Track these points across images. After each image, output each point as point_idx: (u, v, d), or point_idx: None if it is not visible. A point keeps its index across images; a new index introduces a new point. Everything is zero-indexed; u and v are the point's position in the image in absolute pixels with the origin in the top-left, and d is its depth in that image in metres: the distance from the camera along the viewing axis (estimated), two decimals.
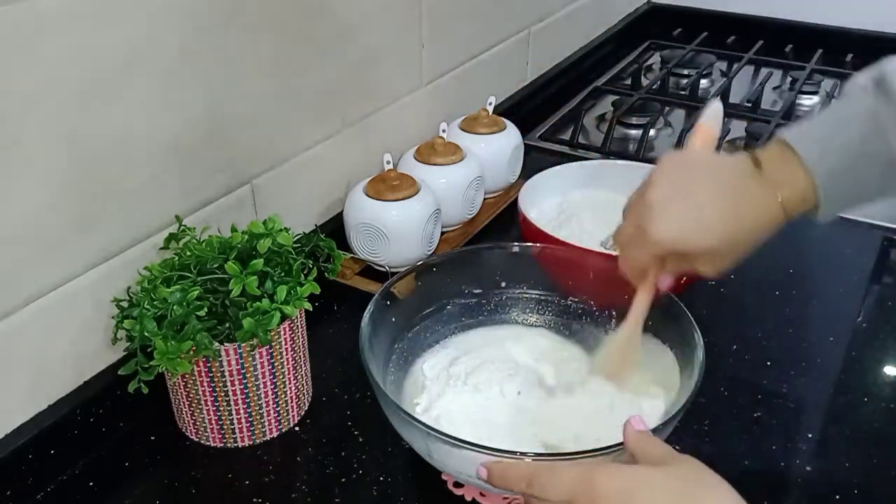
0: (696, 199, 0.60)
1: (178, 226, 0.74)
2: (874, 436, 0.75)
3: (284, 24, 0.84)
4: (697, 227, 0.60)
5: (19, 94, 0.61)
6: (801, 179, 0.60)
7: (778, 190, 0.60)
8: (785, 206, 0.60)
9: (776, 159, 0.61)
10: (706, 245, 0.61)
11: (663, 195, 0.60)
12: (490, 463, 0.56)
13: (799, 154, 0.60)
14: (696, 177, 0.62)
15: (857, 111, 0.60)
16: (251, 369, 0.69)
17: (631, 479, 0.49)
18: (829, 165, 0.59)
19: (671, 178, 0.62)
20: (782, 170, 0.60)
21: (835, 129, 0.61)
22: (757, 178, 0.61)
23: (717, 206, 0.60)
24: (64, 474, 0.70)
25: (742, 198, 0.60)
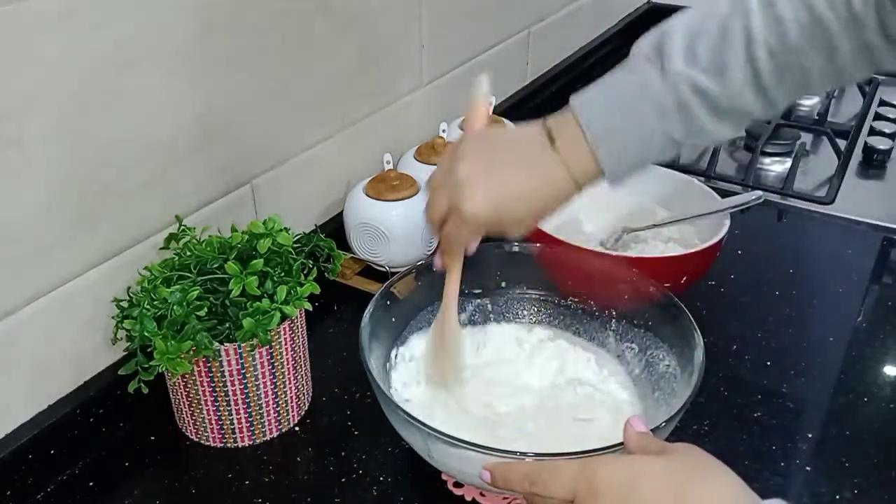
0: (502, 175, 0.64)
1: (178, 226, 0.74)
2: (874, 436, 0.75)
3: (284, 24, 0.84)
4: (504, 203, 0.63)
5: (19, 94, 0.61)
6: (588, 157, 0.63)
7: (569, 166, 0.63)
8: (576, 179, 0.64)
9: (566, 136, 0.64)
10: (516, 217, 0.65)
11: (472, 172, 0.63)
12: (491, 465, 0.56)
13: (587, 136, 0.63)
14: (500, 153, 0.65)
15: (642, 90, 0.62)
16: (251, 369, 0.69)
17: (631, 468, 0.49)
18: (612, 149, 0.63)
19: (477, 154, 0.64)
20: (571, 147, 0.63)
21: (621, 109, 0.63)
22: (550, 153, 0.64)
23: (520, 181, 0.64)
24: (64, 474, 0.70)
25: (540, 174, 0.64)
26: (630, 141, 0.63)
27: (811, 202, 1.12)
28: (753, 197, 0.90)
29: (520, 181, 0.64)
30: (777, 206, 1.13)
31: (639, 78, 0.63)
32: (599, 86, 0.65)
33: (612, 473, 0.49)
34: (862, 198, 1.14)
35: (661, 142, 0.63)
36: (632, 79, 0.64)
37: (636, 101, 0.62)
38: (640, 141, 0.63)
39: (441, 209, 0.65)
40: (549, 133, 0.64)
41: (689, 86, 0.61)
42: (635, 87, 0.63)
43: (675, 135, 0.62)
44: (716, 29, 0.61)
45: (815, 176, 1.20)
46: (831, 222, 1.09)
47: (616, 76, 0.65)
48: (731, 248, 0.96)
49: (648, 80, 0.62)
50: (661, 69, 0.62)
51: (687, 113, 0.61)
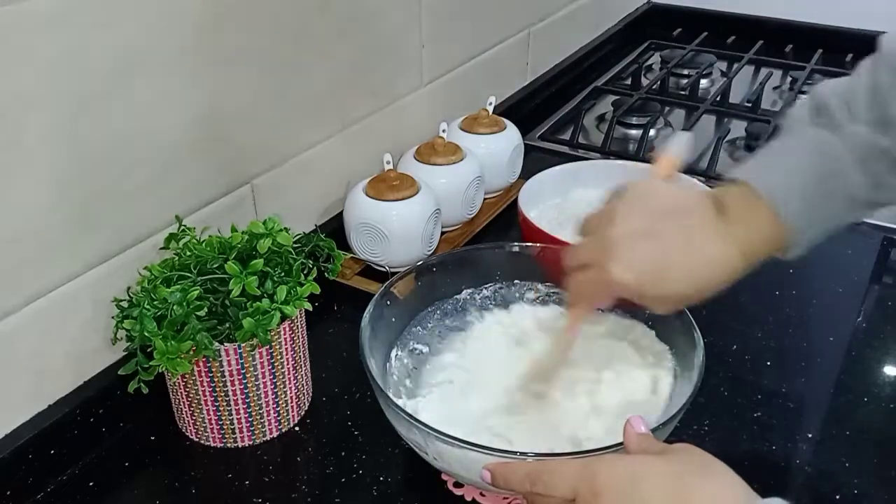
0: (660, 245, 0.59)
1: (178, 226, 0.74)
2: (874, 436, 0.75)
3: (284, 24, 0.84)
4: (656, 276, 0.58)
5: (19, 94, 0.61)
6: (768, 225, 0.58)
7: (742, 243, 0.59)
8: (747, 257, 0.59)
9: (741, 205, 0.59)
10: (661, 294, 0.60)
11: (629, 234, 0.59)
12: (492, 465, 0.56)
13: (765, 199, 0.58)
14: (663, 218, 0.60)
15: (809, 147, 0.59)
16: (251, 369, 0.69)
17: (632, 469, 0.49)
18: (797, 209, 0.58)
19: (639, 213, 0.60)
20: (748, 218, 0.59)
21: (793, 168, 0.59)
22: (721, 229, 0.59)
23: (679, 256, 0.59)
24: (64, 474, 0.70)
25: (704, 252, 0.59)
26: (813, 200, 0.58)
27: None
28: None
29: (679, 256, 0.58)
30: None
31: (807, 138, 0.60)
32: (766, 156, 0.61)
33: (614, 474, 0.49)
34: None
35: (845, 200, 0.59)
36: (798, 139, 0.60)
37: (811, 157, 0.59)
38: (823, 200, 0.58)
39: (584, 259, 0.61)
40: (719, 202, 0.59)
41: (863, 140, 0.58)
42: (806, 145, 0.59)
43: (858, 192, 0.59)
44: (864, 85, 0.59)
45: None
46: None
47: (777, 143, 0.62)
48: None
49: (820, 137, 0.59)
50: (833, 126, 0.59)
51: (871, 166, 0.58)
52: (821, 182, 0.58)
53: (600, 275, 0.59)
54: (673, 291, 0.59)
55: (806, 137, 0.60)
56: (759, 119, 1.33)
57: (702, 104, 1.36)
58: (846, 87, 0.61)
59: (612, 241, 0.59)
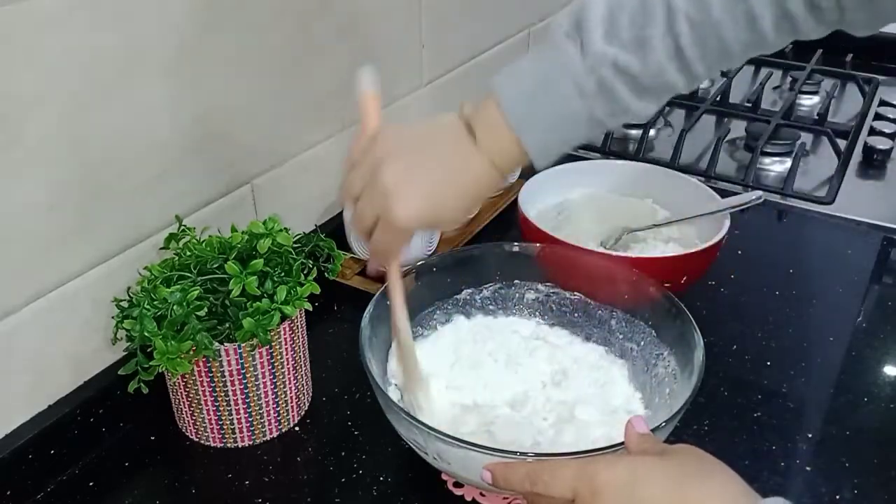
0: (425, 176, 0.62)
1: (178, 226, 0.74)
2: (874, 436, 0.75)
3: (284, 24, 0.84)
4: (436, 204, 0.62)
5: (19, 95, 0.61)
6: (510, 143, 0.62)
7: (493, 157, 0.63)
8: (500, 168, 0.63)
9: (487, 125, 0.62)
10: (445, 219, 0.65)
11: (395, 177, 0.61)
12: (492, 465, 0.56)
13: (509, 122, 0.61)
14: (420, 152, 0.63)
15: (563, 71, 0.61)
16: (251, 369, 0.69)
17: (632, 469, 0.49)
18: (536, 133, 0.62)
19: (397, 156, 0.62)
20: (494, 136, 0.62)
21: (542, 91, 0.61)
22: (472, 147, 0.63)
23: (446, 183, 0.63)
24: (64, 474, 0.70)
25: (465, 171, 0.63)
26: (553, 124, 0.62)
27: (811, 202, 1.12)
28: (753, 197, 0.90)
29: (445, 181, 0.63)
30: (777, 206, 1.13)
31: (559, 56, 0.61)
32: (519, 66, 0.63)
33: (614, 474, 0.49)
34: (862, 198, 1.14)
35: (586, 122, 0.62)
36: (552, 56, 0.62)
37: (557, 82, 0.61)
38: (564, 123, 0.62)
39: (369, 219, 0.63)
40: (469, 124, 0.63)
41: (610, 66, 0.59)
42: (556, 66, 0.61)
43: (598, 115, 0.61)
44: (636, 2, 0.59)
45: (815, 176, 1.20)
46: (831, 222, 1.09)
47: (537, 55, 0.63)
48: (731, 248, 0.95)
49: (569, 60, 0.60)
50: (580, 48, 0.60)
51: (610, 94, 0.60)
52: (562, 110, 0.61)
53: (388, 225, 0.62)
54: (454, 211, 0.64)
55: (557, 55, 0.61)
56: (759, 119, 1.33)
57: (702, 104, 1.36)
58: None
59: (386, 189, 0.61)
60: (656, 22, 0.59)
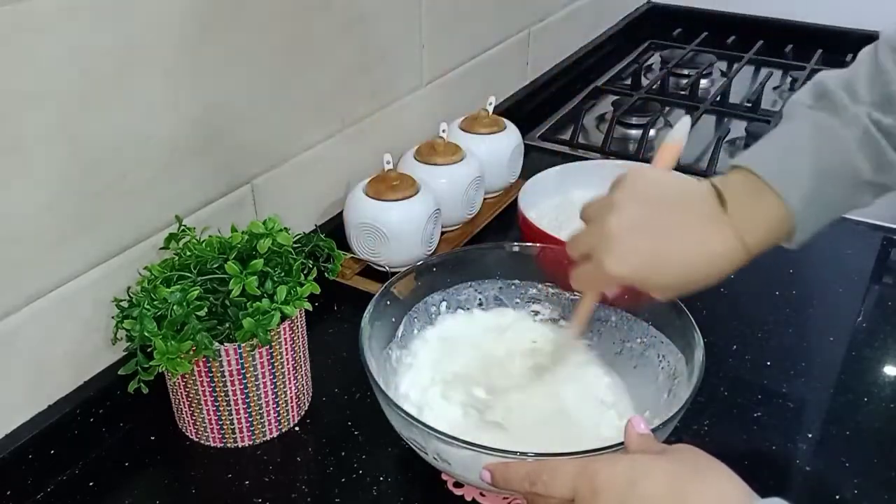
0: (657, 237, 0.58)
1: (178, 226, 0.74)
2: (874, 436, 0.75)
3: (284, 24, 0.84)
4: (653, 268, 0.58)
5: (19, 94, 0.61)
6: (771, 211, 0.58)
7: (743, 230, 0.58)
8: (748, 245, 0.58)
9: (743, 193, 0.58)
10: (659, 285, 0.60)
11: (626, 225, 0.58)
12: (492, 465, 0.56)
13: (770, 185, 0.57)
14: (662, 209, 0.59)
15: (811, 131, 0.59)
16: (251, 369, 0.69)
17: (632, 468, 0.49)
18: (802, 192, 0.57)
19: (637, 204, 0.59)
20: (749, 203, 0.58)
21: (796, 153, 0.58)
22: (721, 219, 0.58)
23: (677, 248, 0.58)
24: (64, 474, 0.70)
25: (702, 244, 0.58)
26: (817, 185, 0.57)
27: None
28: None
29: (674, 246, 0.58)
30: None
31: (809, 123, 0.59)
32: (767, 143, 0.61)
33: (613, 473, 0.49)
34: None
35: (850, 184, 0.58)
36: (800, 125, 0.60)
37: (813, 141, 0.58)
38: (828, 184, 0.58)
39: (582, 249, 0.61)
40: (720, 193, 0.58)
41: (868, 119, 0.57)
42: (807, 129, 0.59)
43: (863, 174, 0.58)
44: (866, 70, 0.59)
45: None
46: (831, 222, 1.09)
47: (779, 129, 0.61)
48: None
49: (822, 121, 0.58)
50: (834, 110, 0.58)
51: (873, 147, 0.57)
52: (824, 164, 0.58)
53: (598, 267, 0.59)
54: (670, 283, 0.60)
55: (807, 122, 0.59)
56: (759, 119, 1.33)
57: (702, 104, 1.36)
58: (847, 73, 0.61)
59: (608, 234, 0.58)
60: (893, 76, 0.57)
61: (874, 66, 0.59)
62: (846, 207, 0.60)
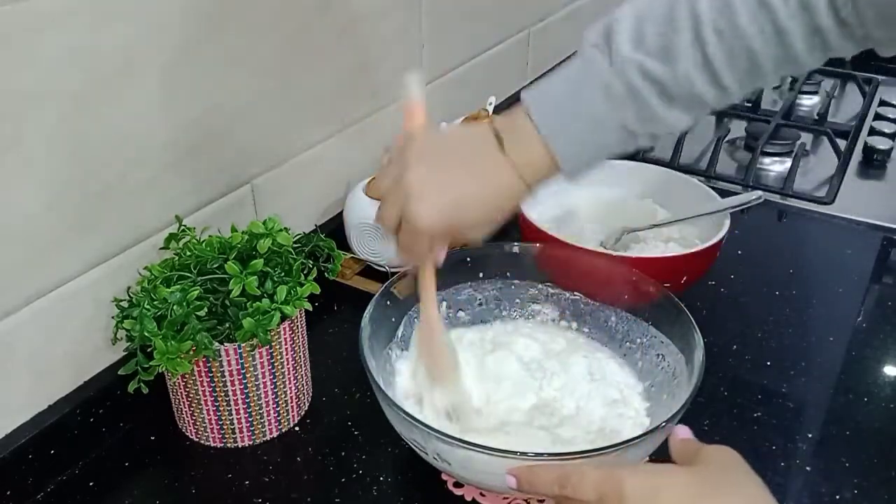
0: (449, 181, 0.62)
1: (178, 226, 0.74)
2: (874, 436, 0.75)
3: (284, 24, 0.84)
4: (454, 209, 0.62)
5: (19, 94, 0.61)
6: (539, 152, 0.62)
7: (520, 167, 0.62)
8: (526, 180, 0.63)
9: (517, 135, 0.62)
10: (469, 223, 0.63)
11: (419, 179, 0.61)
12: (516, 469, 0.56)
13: (537, 127, 0.61)
14: (447, 157, 0.64)
15: (591, 76, 0.61)
16: (251, 369, 0.69)
17: (656, 477, 0.50)
18: (566, 139, 0.61)
19: (424, 158, 0.63)
20: (521, 144, 0.62)
21: (571, 97, 0.62)
22: (498, 155, 0.62)
23: (469, 188, 0.62)
24: (64, 474, 0.70)
25: (489, 178, 0.63)
26: (584, 131, 0.61)
27: (811, 202, 1.12)
28: (753, 197, 0.90)
29: (469, 187, 0.62)
30: (777, 206, 1.13)
31: (587, 66, 0.61)
32: (548, 79, 0.64)
33: (638, 483, 0.50)
34: (862, 198, 1.14)
35: (616, 131, 0.61)
36: (580, 66, 0.62)
37: (585, 86, 0.61)
38: (593, 128, 0.61)
39: (392, 218, 0.63)
40: (497, 134, 0.63)
41: (637, 71, 0.59)
42: (583, 73, 0.61)
43: (628, 123, 0.61)
44: (663, 13, 0.59)
45: (815, 176, 1.20)
46: (831, 222, 1.09)
47: (566, 68, 0.64)
48: (731, 248, 0.96)
49: (596, 66, 0.60)
50: (609, 56, 0.60)
51: (637, 99, 0.60)
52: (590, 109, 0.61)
53: (411, 227, 0.62)
54: (476, 220, 0.63)
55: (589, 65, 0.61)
56: (759, 119, 1.33)
57: None
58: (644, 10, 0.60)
59: (408, 192, 0.61)
60: (682, 31, 0.58)
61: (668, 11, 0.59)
62: (614, 151, 0.63)
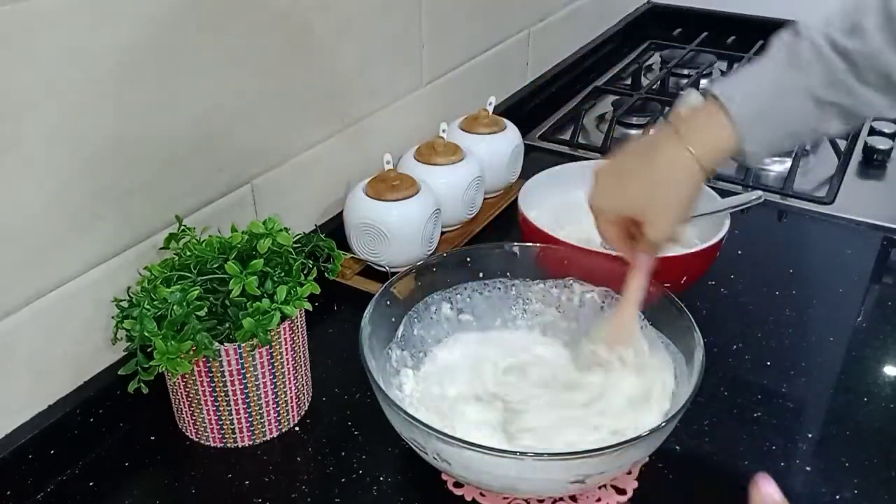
0: (621, 172, 0.68)
1: (178, 226, 0.74)
2: (874, 436, 0.75)
3: (284, 24, 0.84)
4: (622, 196, 0.67)
5: (19, 95, 0.61)
6: (717, 128, 0.62)
7: (695, 147, 0.62)
8: (701, 160, 0.63)
9: (692, 114, 0.63)
10: (634, 208, 0.67)
11: (604, 172, 0.69)
12: None
13: (717, 98, 0.62)
14: (630, 154, 0.68)
15: (776, 49, 0.63)
16: (251, 369, 0.69)
17: None
18: (749, 105, 0.61)
19: (619, 157, 0.69)
20: (697, 122, 0.63)
21: (753, 68, 0.63)
22: (670, 139, 0.64)
23: (636, 175, 0.66)
24: (64, 474, 0.70)
25: (663, 165, 0.64)
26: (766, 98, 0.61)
27: (811, 202, 1.12)
28: (753, 197, 0.90)
29: (636, 174, 0.66)
30: (777, 206, 1.13)
31: (774, 45, 0.62)
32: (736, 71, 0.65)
33: None
34: (862, 198, 1.14)
35: (802, 100, 0.60)
36: (767, 50, 0.63)
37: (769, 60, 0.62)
38: (777, 97, 0.60)
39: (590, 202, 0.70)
40: (675, 124, 0.64)
41: (825, 40, 0.59)
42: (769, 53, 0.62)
43: (815, 89, 0.59)
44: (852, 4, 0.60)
45: (815, 176, 1.20)
46: (831, 222, 1.09)
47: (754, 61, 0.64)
48: (731, 248, 0.96)
49: (783, 42, 0.62)
50: (797, 33, 0.61)
51: (824, 63, 0.59)
52: (775, 78, 0.61)
53: (594, 212, 0.69)
54: (642, 204, 0.66)
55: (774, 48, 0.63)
56: None
57: None
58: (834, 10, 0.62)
59: (595, 183, 0.69)
60: (868, 8, 0.59)
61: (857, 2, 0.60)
62: (805, 128, 0.62)
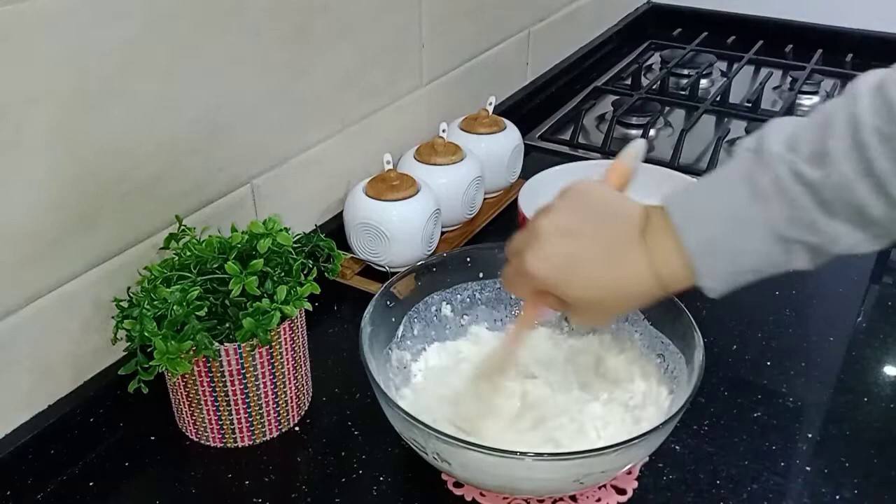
0: (578, 245, 0.58)
1: (178, 226, 0.74)
2: (874, 436, 0.75)
3: (284, 24, 0.84)
4: (568, 275, 0.58)
5: (19, 94, 0.61)
6: (675, 250, 0.56)
7: (658, 264, 0.57)
8: (662, 280, 0.57)
9: (659, 226, 0.57)
10: (572, 294, 0.59)
11: (552, 228, 0.59)
12: None
13: (672, 222, 0.56)
14: (590, 222, 0.59)
15: (735, 171, 0.55)
16: (251, 369, 0.69)
17: None
18: (703, 235, 0.55)
19: (567, 211, 0.60)
20: (660, 239, 0.56)
21: (709, 190, 0.56)
22: (638, 245, 0.57)
23: (593, 261, 0.58)
24: (64, 474, 0.70)
25: (619, 264, 0.58)
26: (724, 232, 0.54)
27: None
28: None
29: (593, 263, 0.58)
30: None
31: (733, 163, 0.56)
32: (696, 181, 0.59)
33: None
34: None
35: (763, 236, 0.53)
36: (726, 165, 0.57)
37: (727, 180, 0.55)
38: (736, 232, 0.54)
39: (514, 246, 0.61)
40: (646, 219, 0.58)
41: (788, 170, 0.52)
42: (728, 169, 0.56)
43: (777, 225, 0.53)
44: (820, 120, 0.53)
45: None
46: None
47: (715, 171, 0.58)
48: None
49: (743, 163, 0.55)
50: (758, 154, 0.54)
51: (787, 198, 0.52)
52: (734, 209, 0.54)
53: (521, 263, 0.60)
54: (580, 296, 0.59)
55: (737, 165, 0.56)
56: (758, 119, 1.33)
57: (702, 104, 1.36)
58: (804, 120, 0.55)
59: (536, 233, 0.59)
60: (838, 134, 0.51)
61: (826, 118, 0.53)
62: (768, 264, 0.56)
